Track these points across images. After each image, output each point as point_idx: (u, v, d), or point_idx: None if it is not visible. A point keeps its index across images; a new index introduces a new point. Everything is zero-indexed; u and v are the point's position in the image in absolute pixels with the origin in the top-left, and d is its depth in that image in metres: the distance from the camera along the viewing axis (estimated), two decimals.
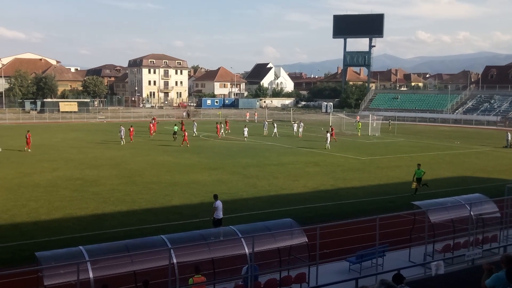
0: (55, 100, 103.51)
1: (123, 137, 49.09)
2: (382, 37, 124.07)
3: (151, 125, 58.73)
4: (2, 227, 20.36)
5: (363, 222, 20.06)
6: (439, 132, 70.95)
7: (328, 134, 48.63)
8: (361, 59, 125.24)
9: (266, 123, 65.27)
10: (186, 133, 49.37)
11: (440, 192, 26.97)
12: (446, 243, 17.24)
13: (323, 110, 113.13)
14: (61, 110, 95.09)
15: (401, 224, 20.10)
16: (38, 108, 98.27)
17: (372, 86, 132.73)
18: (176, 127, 54.33)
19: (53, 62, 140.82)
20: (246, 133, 54.45)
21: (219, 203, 19.35)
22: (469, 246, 16.63)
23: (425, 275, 14.44)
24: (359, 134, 62.89)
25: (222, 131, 59.83)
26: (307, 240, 14.06)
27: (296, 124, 62.68)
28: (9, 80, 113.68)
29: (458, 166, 38.42)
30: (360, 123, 65.51)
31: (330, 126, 58.26)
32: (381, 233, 16.12)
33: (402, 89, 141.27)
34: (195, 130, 59.75)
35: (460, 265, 15.39)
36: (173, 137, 52.61)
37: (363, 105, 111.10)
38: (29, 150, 43.45)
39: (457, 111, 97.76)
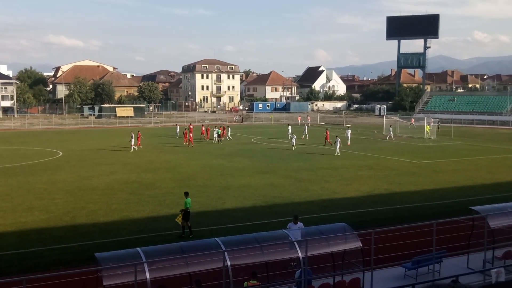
0: (112, 105, 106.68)
1: (132, 144, 47.42)
2: (437, 38, 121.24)
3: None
4: (64, 229, 21.16)
5: (419, 227, 19.61)
6: (498, 135, 68.55)
7: (338, 139, 45.95)
8: (416, 60, 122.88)
9: (307, 126, 65.06)
10: (192, 135, 52.47)
11: (500, 196, 26.03)
12: (507, 249, 16.64)
13: (376, 113, 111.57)
14: (117, 115, 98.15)
15: (459, 230, 19.53)
16: (96, 113, 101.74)
17: (427, 88, 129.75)
18: (219, 130, 56.94)
19: (110, 69, 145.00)
20: (297, 138, 52.18)
21: (291, 225, 16.90)
22: None
23: (485, 282, 14.00)
24: (425, 137, 61.81)
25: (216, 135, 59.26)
26: (361, 245, 13.86)
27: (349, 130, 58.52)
28: (68, 87, 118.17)
29: None
30: (428, 126, 63.98)
31: (326, 128, 57.02)
32: (438, 238, 15.70)
33: (458, 90, 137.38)
34: (229, 134, 59.92)
35: None
36: (218, 140, 55.99)
37: (418, 107, 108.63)
38: (140, 147, 48.65)
39: None
